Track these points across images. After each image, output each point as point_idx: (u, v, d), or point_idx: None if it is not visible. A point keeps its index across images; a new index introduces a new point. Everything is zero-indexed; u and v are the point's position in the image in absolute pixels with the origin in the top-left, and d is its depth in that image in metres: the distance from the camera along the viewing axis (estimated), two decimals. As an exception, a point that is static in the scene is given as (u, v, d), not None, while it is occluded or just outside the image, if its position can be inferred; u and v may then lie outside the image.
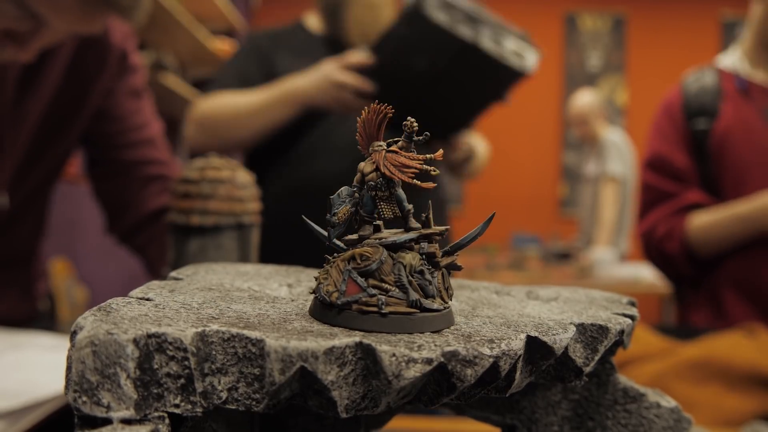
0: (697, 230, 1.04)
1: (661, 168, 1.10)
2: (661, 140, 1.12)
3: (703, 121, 1.08)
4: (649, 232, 1.11)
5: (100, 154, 0.94)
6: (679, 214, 1.07)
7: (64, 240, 1.99)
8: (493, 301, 0.37)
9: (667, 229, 1.08)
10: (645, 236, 1.13)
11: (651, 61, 3.95)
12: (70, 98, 0.86)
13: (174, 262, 0.59)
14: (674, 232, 1.07)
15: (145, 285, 0.34)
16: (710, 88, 1.09)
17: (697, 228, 1.04)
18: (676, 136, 1.10)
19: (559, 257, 2.83)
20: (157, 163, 0.93)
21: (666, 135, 1.12)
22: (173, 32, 2.44)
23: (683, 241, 1.06)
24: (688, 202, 1.07)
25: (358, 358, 0.26)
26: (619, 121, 4.05)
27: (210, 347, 0.26)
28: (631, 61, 4.03)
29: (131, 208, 0.92)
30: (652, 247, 1.12)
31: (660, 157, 1.11)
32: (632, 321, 0.33)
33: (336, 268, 0.30)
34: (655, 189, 1.11)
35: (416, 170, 0.29)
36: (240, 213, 0.59)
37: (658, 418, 0.35)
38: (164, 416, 0.25)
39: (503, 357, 0.27)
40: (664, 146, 1.11)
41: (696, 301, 1.12)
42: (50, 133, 0.86)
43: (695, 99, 1.10)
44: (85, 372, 0.24)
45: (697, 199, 1.07)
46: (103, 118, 0.91)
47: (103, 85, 0.89)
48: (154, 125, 0.95)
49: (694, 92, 1.11)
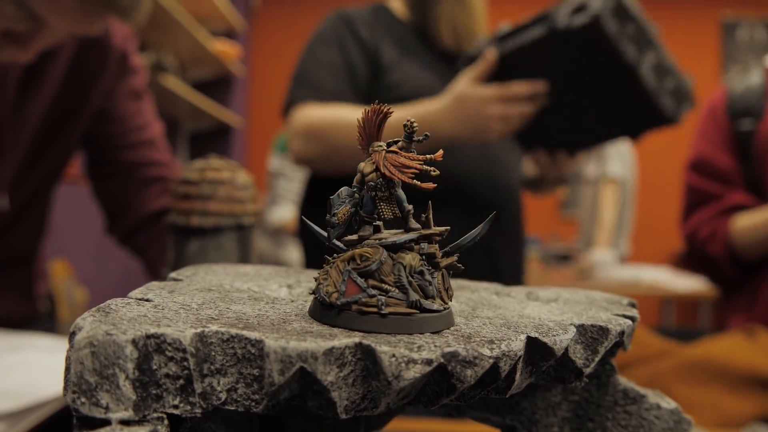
0: (741, 232, 1.02)
1: (704, 170, 1.09)
2: (705, 142, 1.11)
3: (747, 122, 1.06)
4: (693, 234, 1.09)
5: (101, 156, 0.94)
6: (722, 215, 1.06)
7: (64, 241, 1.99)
8: (493, 302, 0.37)
9: (711, 231, 1.06)
10: (688, 238, 1.11)
11: (651, 62, 3.94)
12: (70, 99, 0.86)
13: (174, 263, 0.59)
14: (717, 233, 1.05)
15: (144, 286, 0.34)
16: (756, 88, 1.07)
17: (740, 230, 1.03)
18: (720, 138, 1.08)
19: (559, 258, 2.83)
20: (158, 165, 0.93)
21: (710, 137, 1.10)
22: (173, 33, 2.45)
23: (727, 243, 1.04)
24: (731, 203, 1.05)
25: (357, 358, 0.26)
26: (619, 122, 4.04)
27: (209, 348, 0.26)
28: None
29: (131, 209, 0.92)
30: (695, 249, 1.10)
31: (704, 158, 1.09)
32: (632, 322, 0.33)
33: (336, 268, 0.30)
34: (699, 191, 1.09)
35: (416, 170, 0.29)
36: (240, 214, 0.59)
37: (658, 419, 0.35)
38: (163, 417, 0.25)
39: (503, 358, 0.27)
40: (708, 148, 1.09)
41: (738, 304, 1.09)
42: (51, 134, 0.86)
43: (740, 99, 1.08)
44: (83, 373, 0.24)
45: (741, 201, 1.05)
46: (103, 119, 0.91)
47: (103, 86, 0.89)
48: (155, 126, 0.95)
49: (740, 93, 1.09)
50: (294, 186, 2.51)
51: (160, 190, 0.92)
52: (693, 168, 1.12)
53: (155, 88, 2.28)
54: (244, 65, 3.63)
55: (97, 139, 0.92)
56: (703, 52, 3.97)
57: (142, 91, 0.95)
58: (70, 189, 1.88)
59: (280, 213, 2.54)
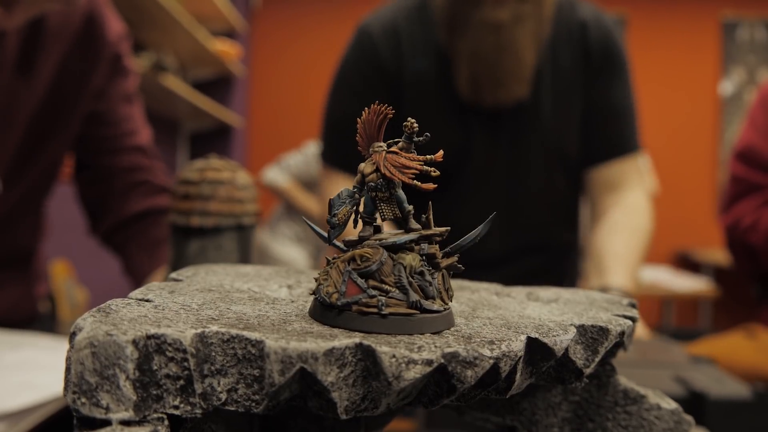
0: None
1: (751, 159, 1.06)
2: (753, 131, 1.08)
3: None
4: (734, 224, 1.06)
5: (89, 159, 0.94)
6: (766, 206, 1.03)
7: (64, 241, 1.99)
8: (493, 302, 0.37)
9: (753, 221, 1.03)
10: (729, 229, 1.08)
11: (651, 61, 3.94)
12: (62, 97, 0.86)
13: (174, 263, 0.59)
14: (760, 224, 1.02)
15: (144, 286, 0.34)
16: None
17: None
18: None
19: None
20: (145, 170, 0.93)
21: (759, 126, 1.07)
22: (173, 33, 2.45)
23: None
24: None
25: (358, 359, 0.26)
26: (620, 122, 4.04)
27: (209, 348, 0.26)
28: (631, 61, 4.03)
29: (114, 210, 0.92)
30: (735, 240, 1.07)
31: (751, 148, 1.07)
32: (632, 323, 0.33)
33: (336, 269, 0.30)
34: (744, 180, 1.07)
35: (416, 171, 0.29)
36: (240, 214, 0.59)
37: (658, 419, 0.35)
38: (163, 417, 0.25)
39: (503, 358, 0.27)
40: (756, 137, 1.07)
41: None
42: (42, 132, 0.86)
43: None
44: (84, 373, 0.24)
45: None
46: (96, 121, 0.91)
47: (95, 85, 0.89)
48: (144, 132, 0.96)
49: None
50: (302, 166, 2.47)
51: (144, 193, 0.92)
52: (739, 157, 1.08)
53: (155, 88, 2.27)
54: (245, 65, 3.63)
55: (87, 141, 0.92)
56: (703, 52, 3.96)
57: (134, 95, 0.95)
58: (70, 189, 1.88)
59: (275, 176, 2.48)
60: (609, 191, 1.00)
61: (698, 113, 3.99)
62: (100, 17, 0.88)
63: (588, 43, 0.97)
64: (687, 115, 3.98)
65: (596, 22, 0.98)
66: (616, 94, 0.99)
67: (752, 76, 3.96)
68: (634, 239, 0.93)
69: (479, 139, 0.97)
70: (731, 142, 3.90)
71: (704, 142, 3.98)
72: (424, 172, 0.30)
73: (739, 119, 3.96)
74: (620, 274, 0.86)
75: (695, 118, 3.99)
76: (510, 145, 0.98)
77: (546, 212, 1.03)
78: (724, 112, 3.97)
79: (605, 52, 0.98)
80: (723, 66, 3.97)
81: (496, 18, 0.88)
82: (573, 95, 0.98)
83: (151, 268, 0.86)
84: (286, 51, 3.98)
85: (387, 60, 0.97)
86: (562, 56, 0.97)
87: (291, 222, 2.53)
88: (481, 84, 0.92)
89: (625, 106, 1.00)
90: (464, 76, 0.93)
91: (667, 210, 3.76)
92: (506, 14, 0.88)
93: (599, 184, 1.01)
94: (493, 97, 0.92)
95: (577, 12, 0.98)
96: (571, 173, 1.02)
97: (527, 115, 0.97)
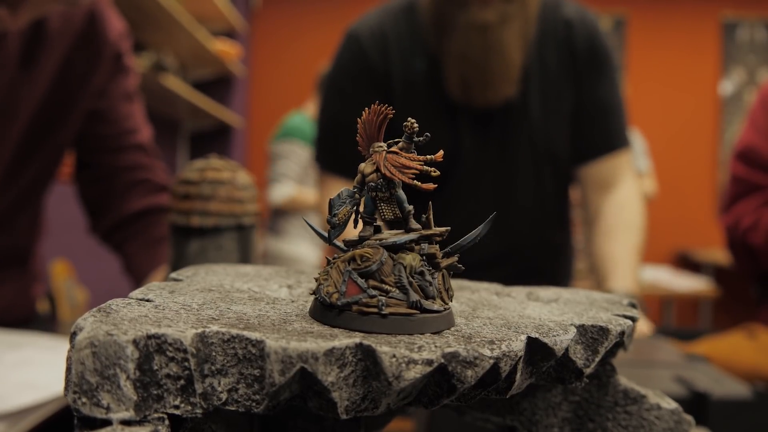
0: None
1: (751, 159, 1.06)
2: (753, 131, 1.08)
3: None
4: (735, 224, 1.06)
5: (90, 157, 0.94)
6: (766, 206, 1.03)
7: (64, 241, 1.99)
8: (493, 302, 0.37)
9: (753, 221, 1.03)
10: (729, 229, 1.08)
11: (651, 61, 3.95)
12: (62, 96, 0.86)
13: (174, 263, 0.59)
14: (760, 223, 1.02)
15: (144, 286, 0.34)
16: None
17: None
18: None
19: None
20: (145, 169, 0.94)
21: (759, 126, 1.07)
22: (173, 33, 2.45)
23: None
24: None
25: (358, 359, 0.26)
26: (620, 122, 4.04)
27: (210, 348, 0.26)
28: (631, 61, 4.03)
29: (114, 209, 0.93)
30: (735, 240, 1.07)
31: (751, 148, 1.06)
32: (633, 322, 0.33)
33: (336, 269, 0.30)
34: (744, 181, 1.07)
35: (417, 171, 0.29)
36: (240, 214, 0.59)
37: (658, 419, 0.35)
38: (164, 417, 0.25)
39: (504, 358, 0.27)
40: (756, 137, 1.06)
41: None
42: (42, 130, 0.86)
43: None
44: (84, 373, 0.24)
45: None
46: (96, 120, 0.91)
47: (96, 84, 0.89)
48: (145, 131, 0.96)
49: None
50: (293, 165, 2.47)
51: (144, 192, 0.92)
52: (739, 157, 1.08)
53: (155, 88, 2.27)
54: (245, 65, 3.63)
55: (88, 140, 0.93)
56: (703, 52, 3.96)
57: (135, 93, 0.96)
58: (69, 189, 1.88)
59: (281, 191, 2.49)
60: (601, 189, 1.01)
61: (698, 113, 3.99)
62: (101, 16, 0.88)
63: (573, 42, 0.98)
64: (687, 115, 3.98)
65: (581, 21, 0.99)
66: (603, 91, 1.00)
67: (752, 76, 3.96)
68: (629, 239, 0.94)
69: (469, 139, 0.97)
70: (731, 143, 3.90)
71: (704, 143, 3.98)
72: (424, 172, 0.30)
73: (739, 119, 3.96)
74: (622, 278, 0.87)
75: (695, 119, 3.99)
76: (500, 145, 0.99)
77: (537, 211, 1.03)
78: (724, 113, 3.97)
79: (591, 50, 0.99)
80: (723, 66, 3.97)
81: (483, 19, 0.88)
82: (560, 94, 0.99)
83: (151, 267, 0.86)
84: (286, 51, 3.98)
85: (376, 63, 0.98)
86: (548, 55, 0.98)
87: (294, 219, 2.53)
88: (470, 85, 0.92)
89: (613, 103, 1.01)
90: (453, 78, 0.93)
91: (667, 210, 3.76)
92: (492, 15, 0.89)
93: (591, 182, 1.02)
94: (483, 98, 0.93)
95: (561, 11, 0.99)
96: (561, 172, 1.03)
97: (516, 114, 0.97)
